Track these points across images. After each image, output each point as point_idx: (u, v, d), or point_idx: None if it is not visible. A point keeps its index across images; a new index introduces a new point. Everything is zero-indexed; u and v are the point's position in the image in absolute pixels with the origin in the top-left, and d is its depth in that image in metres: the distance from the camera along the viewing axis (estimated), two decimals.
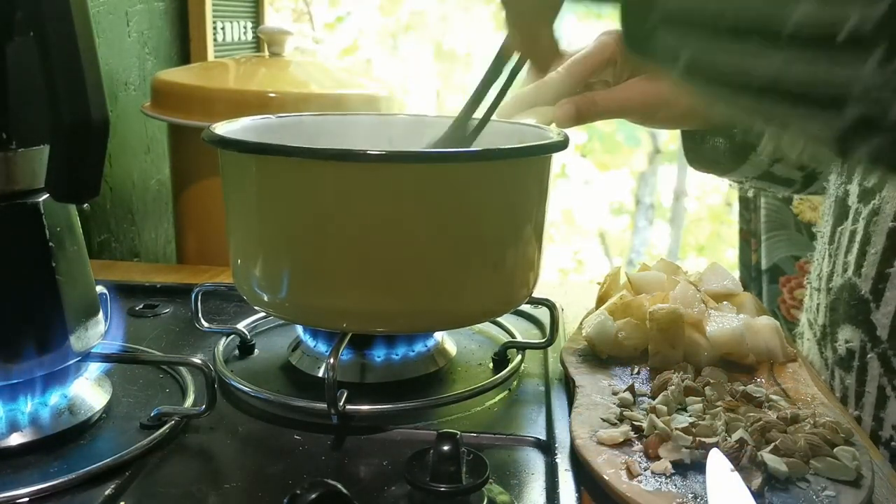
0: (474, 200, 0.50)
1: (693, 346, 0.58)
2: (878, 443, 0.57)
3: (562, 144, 0.54)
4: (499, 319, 0.67)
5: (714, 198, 3.22)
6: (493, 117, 0.67)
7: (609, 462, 0.45)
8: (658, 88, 0.66)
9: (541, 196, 0.55)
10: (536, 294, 0.59)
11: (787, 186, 0.76)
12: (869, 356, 0.57)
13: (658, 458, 0.45)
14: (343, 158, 0.48)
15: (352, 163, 0.48)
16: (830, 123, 0.28)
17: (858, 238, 0.59)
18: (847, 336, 0.59)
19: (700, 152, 0.77)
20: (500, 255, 0.53)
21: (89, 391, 0.52)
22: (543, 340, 0.62)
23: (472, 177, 0.50)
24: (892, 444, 0.56)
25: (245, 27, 1.33)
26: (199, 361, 0.50)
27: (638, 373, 0.57)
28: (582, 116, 0.64)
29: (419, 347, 0.59)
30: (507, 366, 0.59)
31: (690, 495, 0.42)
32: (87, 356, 0.51)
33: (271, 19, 1.42)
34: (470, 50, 2.93)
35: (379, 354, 0.58)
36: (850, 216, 0.61)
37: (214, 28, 1.23)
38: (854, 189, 0.61)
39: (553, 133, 0.57)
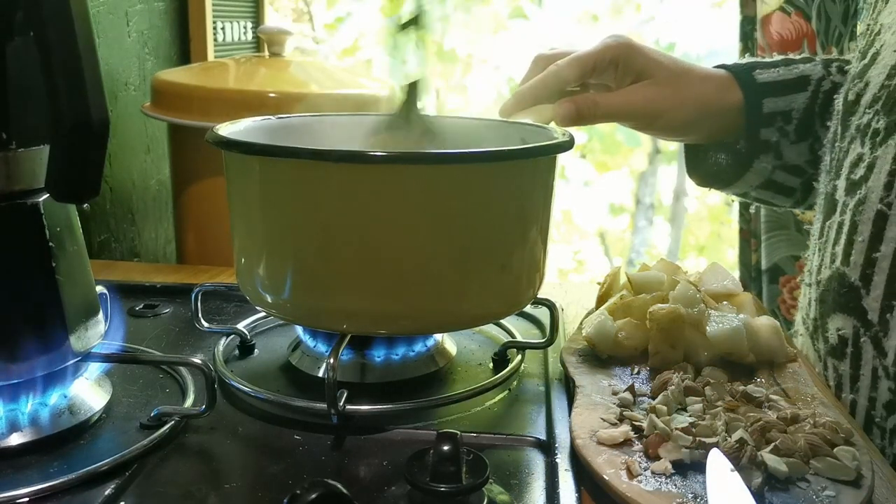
0: (480, 201, 0.50)
1: (693, 346, 0.58)
2: (872, 422, 0.57)
3: (567, 144, 0.54)
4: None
5: (714, 198, 3.22)
6: (496, 117, 0.66)
7: (609, 462, 0.45)
8: (661, 95, 0.66)
9: (546, 196, 0.55)
10: None
11: (788, 196, 0.76)
12: (862, 340, 0.57)
13: (658, 458, 0.45)
14: (348, 160, 0.48)
15: (356, 164, 0.48)
16: None
17: (846, 229, 0.59)
18: (838, 325, 0.60)
19: (702, 166, 0.77)
20: (506, 256, 0.53)
21: (89, 391, 0.52)
22: (543, 340, 0.62)
23: (478, 178, 0.50)
24: (883, 424, 0.57)
25: (245, 27, 1.33)
26: (199, 361, 0.50)
27: (638, 373, 0.57)
28: (582, 116, 0.64)
29: (419, 347, 0.59)
30: (507, 366, 0.59)
31: (690, 495, 0.42)
32: (87, 356, 0.51)
33: (271, 19, 1.42)
34: (470, 50, 2.93)
35: (379, 354, 0.58)
36: (838, 209, 0.61)
37: (214, 28, 1.23)
38: (842, 184, 0.61)
39: (558, 133, 0.57)
